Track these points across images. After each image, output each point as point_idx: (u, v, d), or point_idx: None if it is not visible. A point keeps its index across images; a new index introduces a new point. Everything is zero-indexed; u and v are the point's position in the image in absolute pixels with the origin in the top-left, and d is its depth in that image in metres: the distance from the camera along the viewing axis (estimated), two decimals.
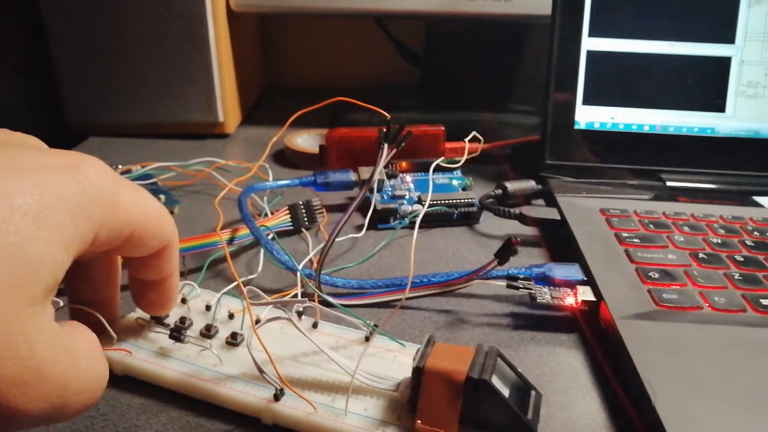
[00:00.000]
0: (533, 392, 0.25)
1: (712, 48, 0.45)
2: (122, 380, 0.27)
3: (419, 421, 0.23)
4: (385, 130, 0.33)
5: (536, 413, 0.25)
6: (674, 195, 0.44)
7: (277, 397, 0.25)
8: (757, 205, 0.43)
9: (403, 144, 0.39)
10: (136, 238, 0.22)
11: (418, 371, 0.24)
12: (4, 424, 0.17)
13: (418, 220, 0.31)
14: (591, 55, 0.46)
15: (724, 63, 0.45)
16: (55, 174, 0.19)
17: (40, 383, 0.17)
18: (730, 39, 0.45)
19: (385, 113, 0.33)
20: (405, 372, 0.25)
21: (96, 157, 0.21)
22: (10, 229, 0.17)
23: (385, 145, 0.33)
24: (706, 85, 0.46)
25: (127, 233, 0.22)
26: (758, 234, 0.38)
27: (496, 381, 0.23)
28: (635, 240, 0.37)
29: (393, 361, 0.27)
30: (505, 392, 0.24)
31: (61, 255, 0.18)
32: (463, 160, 0.42)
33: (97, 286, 0.26)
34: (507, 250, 0.31)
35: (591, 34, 0.46)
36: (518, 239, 0.30)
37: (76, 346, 0.20)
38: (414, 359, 0.24)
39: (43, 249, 0.18)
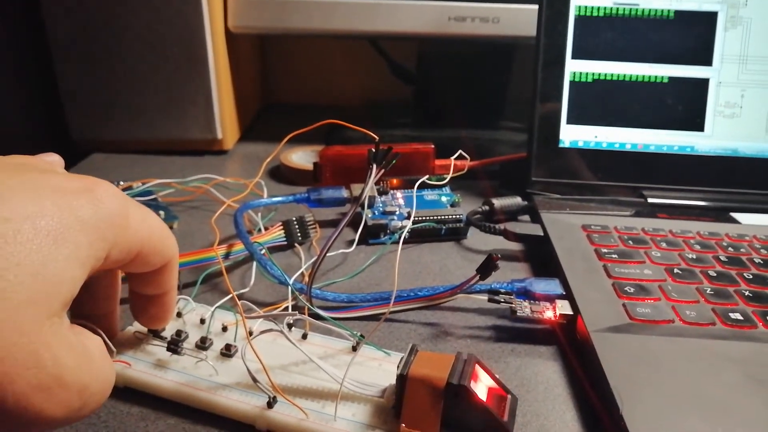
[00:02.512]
0: (509, 396, 0.27)
1: (691, 70, 0.47)
2: (122, 390, 0.28)
3: (404, 425, 0.25)
4: (373, 150, 0.35)
5: (512, 415, 0.26)
6: (654, 211, 0.45)
7: (270, 405, 0.26)
8: (734, 221, 0.44)
9: (393, 163, 0.40)
10: (142, 256, 0.24)
11: (402, 378, 0.25)
12: (30, 428, 0.18)
13: (401, 236, 0.32)
14: (574, 76, 0.48)
15: (703, 84, 0.47)
16: (72, 197, 0.21)
17: (62, 389, 0.19)
18: (707, 61, 0.47)
19: (373, 135, 0.34)
20: (390, 379, 0.26)
21: (107, 181, 0.23)
22: (34, 248, 0.18)
23: (374, 166, 0.34)
24: (686, 106, 0.48)
25: (135, 252, 0.24)
26: (732, 250, 0.39)
27: (474, 386, 0.25)
28: (614, 255, 0.38)
29: (379, 369, 0.29)
30: (483, 396, 0.25)
31: (78, 272, 0.20)
32: (448, 177, 0.44)
33: (99, 301, 0.28)
34: (488, 266, 0.32)
35: (574, 56, 0.48)
36: (499, 256, 0.32)
37: (89, 351, 0.21)
38: (398, 367, 0.26)
39: (63, 266, 0.19)
